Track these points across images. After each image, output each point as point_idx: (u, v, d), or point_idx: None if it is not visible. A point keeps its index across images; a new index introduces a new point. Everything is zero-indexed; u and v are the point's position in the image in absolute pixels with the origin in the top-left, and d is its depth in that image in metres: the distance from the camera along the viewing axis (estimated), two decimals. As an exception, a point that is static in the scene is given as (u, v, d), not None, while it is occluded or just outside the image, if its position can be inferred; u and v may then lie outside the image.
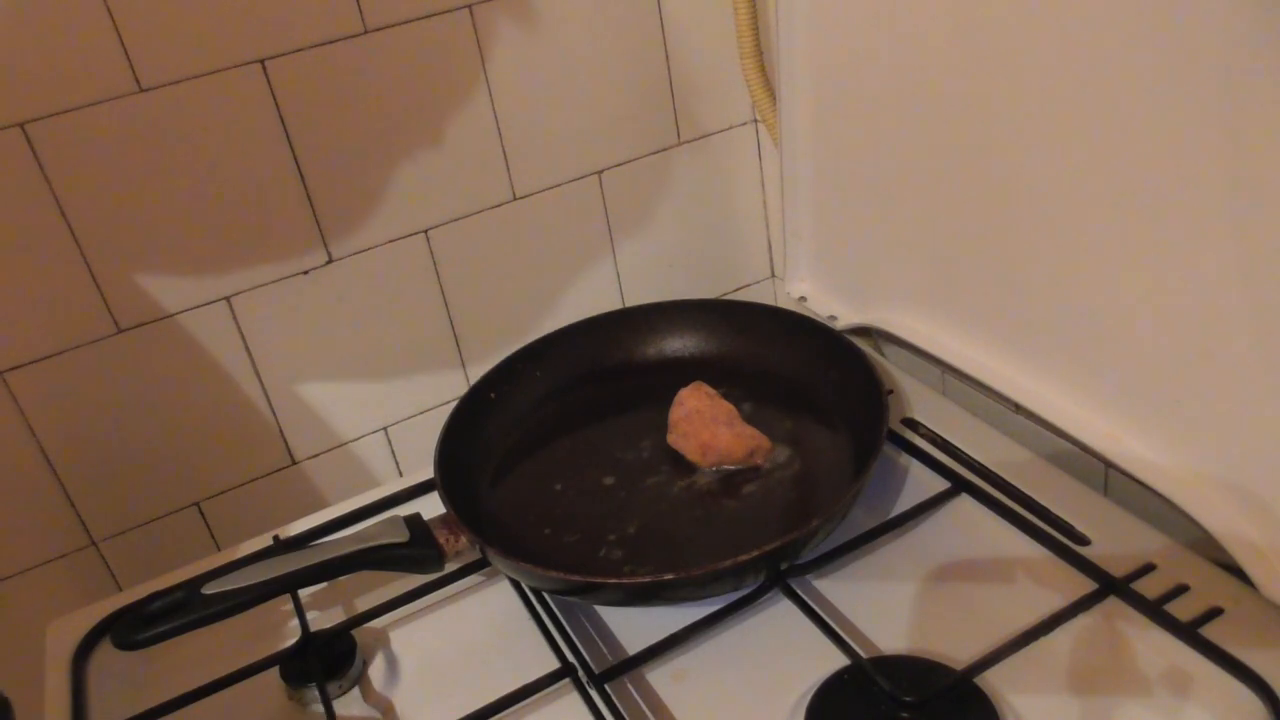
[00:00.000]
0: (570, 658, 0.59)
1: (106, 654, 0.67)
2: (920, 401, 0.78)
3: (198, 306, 0.75)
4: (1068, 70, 0.55)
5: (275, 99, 0.72)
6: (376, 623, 0.65)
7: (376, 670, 0.63)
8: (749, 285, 1.01)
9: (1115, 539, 0.61)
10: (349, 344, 0.82)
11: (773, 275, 1.01)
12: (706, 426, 0.70)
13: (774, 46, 0.78)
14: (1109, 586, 0.57)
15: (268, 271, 0.77)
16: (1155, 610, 0.55)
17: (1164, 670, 0.53)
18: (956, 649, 0.55)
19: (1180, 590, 0.56)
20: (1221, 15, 0.46)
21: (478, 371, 0.80)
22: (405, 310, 0.83)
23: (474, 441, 0.74)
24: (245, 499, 0.82)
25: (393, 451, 0.88)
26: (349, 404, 0.84)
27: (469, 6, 0.76)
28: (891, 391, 0.77)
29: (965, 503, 0.67)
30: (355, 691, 0.61)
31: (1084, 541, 0.62)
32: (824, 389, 0.75)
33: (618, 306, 0.92)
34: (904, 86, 0.68)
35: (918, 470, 0.70)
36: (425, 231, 0.82)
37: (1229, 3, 0.45)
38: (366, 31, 0.74)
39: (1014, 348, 0.68)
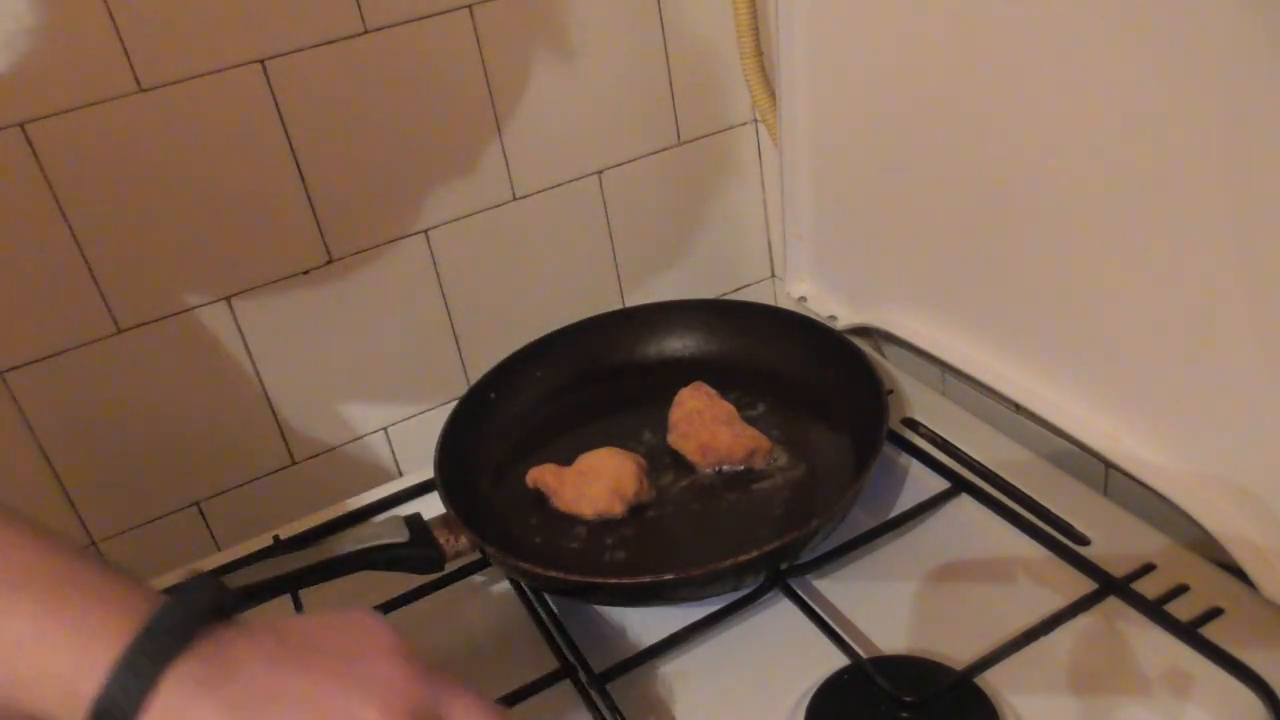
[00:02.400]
0: (570, 658, 0.59)
1: (106, 654, 0.67)
2: (920, 401, 0.78)
3: (198, 306, 0.75)
4: (1068, 70, 0.55)
5: (275, 99, 0.72)
6: (376, 623, 0.65)
7: (376, 670, 0.62)
8: (749, 285, 1.01)
9: (1115, 539, 0.61)
10: (349, 343, 0.82)
11: (773, 275, 1.01)
12: (706, 426, 0.70)
13: (774, 46, 0.78)
14: (1109, 586, 0.57)
15: (268, 271, 0.77)
16: (1155, 610, 0.55)
17: (1164, 670, 0.53)
18: (956, 649, 0.55)
19: (1180, 590, 0.56)
20: (1221, 16, 0.46)
21: (478, 371, 0.80)
22: (405, 310, 0.83)
23: (474, 441, 0.74)
24: (245, 499, 0.82)
25: (393, 451, 0.88)
26: (349, 404, 0.84)
27: (469, 6, 0.76)
28: (891, 391, 0.77)
29: (965, 503, 0.67)
30: (355, 691, 0.61)
31: (1084, 541, 0.62)
32: (824, 389, 0.75)
33: (618, 306, 0.92)
34: (904, 87, 0.68)
35: (918, 470, 0.70)
36: (425, 231, 0.82)
37: (1229, 3, 0.45)
38: (366, 31, 0.73)
39: (1014, 348, 0.68)
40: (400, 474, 0.89)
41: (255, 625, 0.40)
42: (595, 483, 0.67)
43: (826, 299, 0.87)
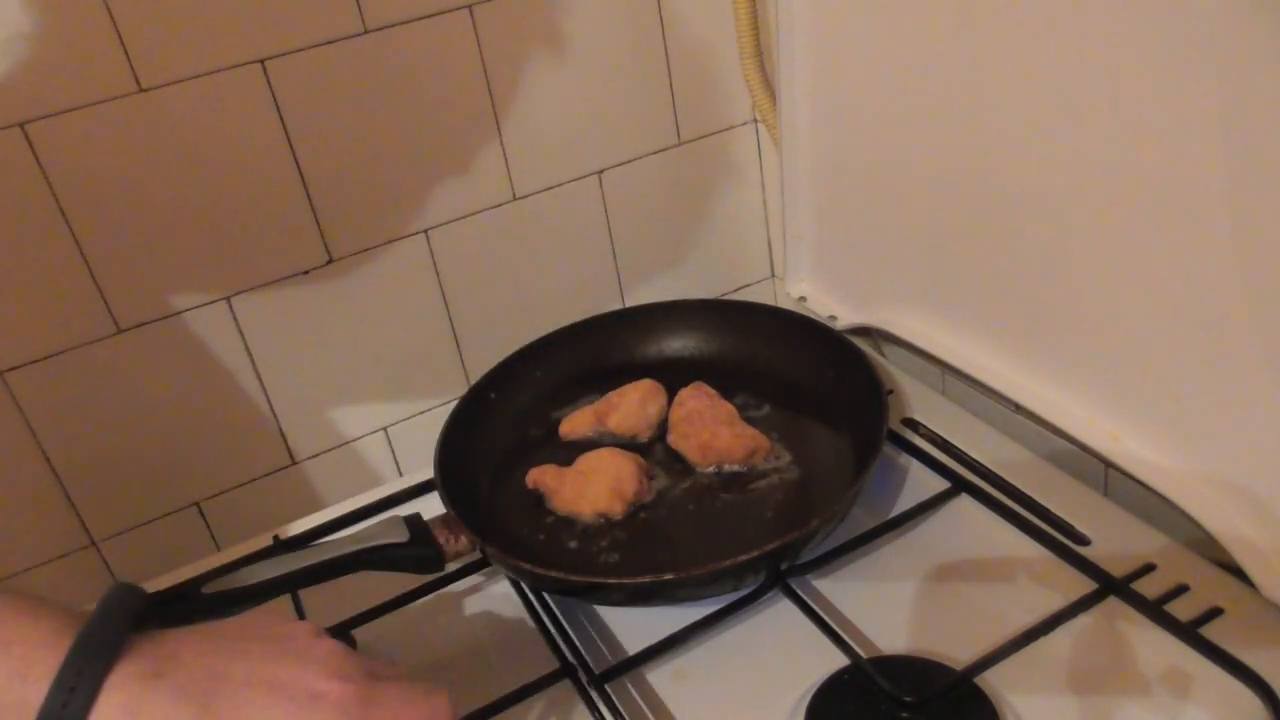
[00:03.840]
0: (570, 658, 0.59)
1: (106, 654, 0.67)
2: (920, 401, 0.78)
3: (198, 306, 0.75)
4: (1068, 69, 0.55)
5: (275, 99, 0.72)
6: (376, 623, 0.65)
7: (376, 670, 0.63)
8: (749, 285, 1.01)
9: (1115, 539, 0.61)
10: (349, 344, 0.82)
11: (773, 275, 1.01)
12: (706, 426, 0.70)
13: (774, 46, 0.78)
14: (1109, 586, 0.57)
15: (268, 271, 0.77)
16: (1155, 610, 0.55)
17: (1164, 670, 0.53)
18: (956, 649, 0.55)
19: (1180, 590, 0.56)
20: (1221, 15, 0.46)
21: (478, 371, 0.80)
22: (405, 310, 0.83)
23: (474, 441, 0.74)
24: (245, 499, 0.82)
25: (393, 451, 0.88)
26: (349, 404, 0.84)
27: (469, 6, 0.76)
28: (891, 391, 0.77)
29: (965, 503, 0.67)
30: (355, 691, 0.61)
31: (1084, 541, 0.62)
32: (824, 389, 0.75)
33: (618, 306, 0.92)
34: (904, 86, 0.68)
35: (918, 470, 0.70)
36: (425, 231, 0.82)
37: (1229, 3, 0.45)
38: (366, 31, 0.74)
39: (1014, 348, 0.68)
40: (400, 474, 0.89)
41: (180, 629, 0.41)
42: (595, 483, 0.67)
43: (826, 299, 0.87)
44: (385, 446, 0.87)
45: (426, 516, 0.65)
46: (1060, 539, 0.61)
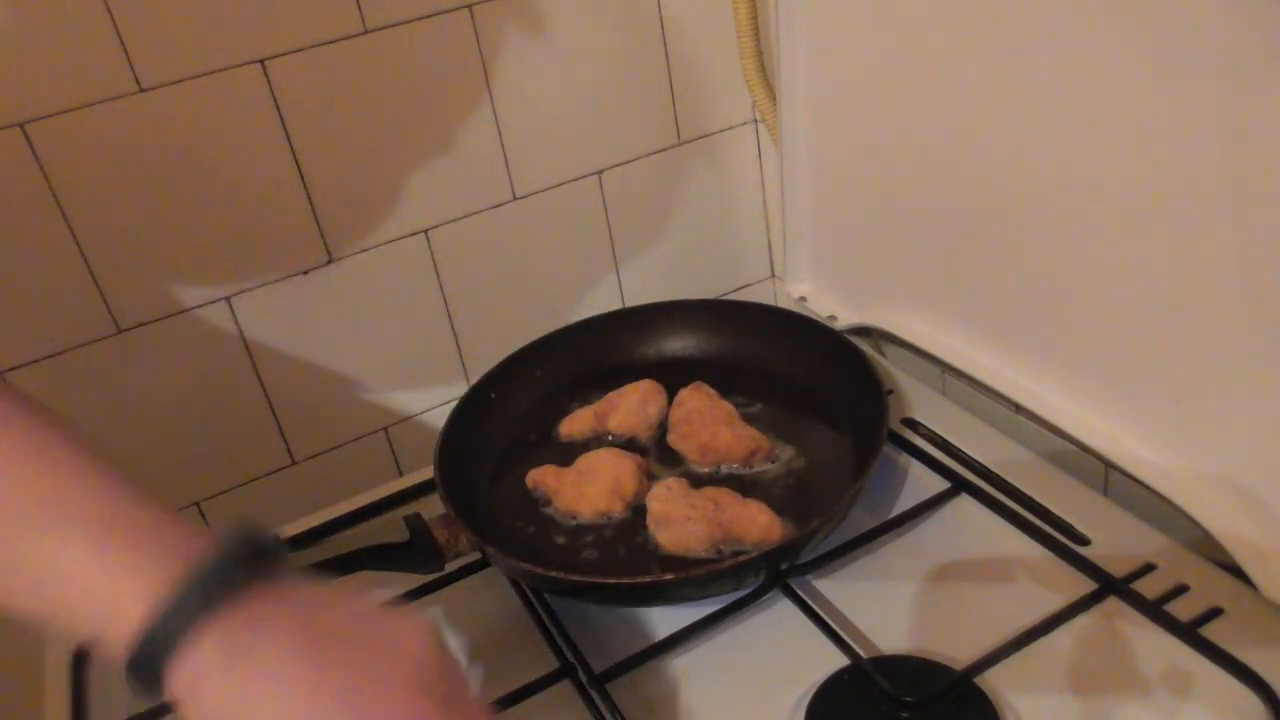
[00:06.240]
0: (570, 658, 0.59)
1: (106, 654, 0.67)
2: (920, 401, 0.78)
3: (198, 306, 0.75)
4: (1068, 69, 0.55)
5: (275, 99, 0.72)
6: (376, 623, 0.65)
7: (376, 670, 0.62)
8: (749, 285, 1.01)
9: (1115, 539, 0.61)
10: (349, 344, 0.82)
11: (773, 275, 1.01)
12: (706, 427, 0.70)
13: (774, 46, 0.78)
14: (1109, 586, 0.57)
15: (268, 271, 0.77)
16: (1155, 610, 0.55)
17: (1164, 670, 0.53)
18: (956, 649, 0.55)
19: (1180, 590, 0.56)
20: (1222, 16, 0.46)
21: (478, 371, 0.80)
22: (405, 310, 0.83)
23: (474, 441, 0.74)
24: (245, 499, 0.82)
25: (393, 451, 0.88)
26: (349, 404, 0.84)
27: (469, 6, 0.76)
28: (891, 391, 0.77)
29: (965, 503, 0.66)
30: (355, 691, 0.61)
31: (1084, 541, 0.62)
32: (824, 389, 0.75)
33: (618, 306, 0.92)
34: (904, 86, 0.68)
35: (918, 470, 0.70)
36: (425, 231, 0.82)
37: (1229, 3, 0.45)
38: (366, 31, 0.74)
39: (1014, 348, 0.68)
40: (400, 474, 0.89)
41: (292, 595, 0.39)
42: (595, 483, 0.67)
43: (826, 299, 0.87)
44: (385, 446, 0.87)
45: (426, 516, 0.65)
46: (1060, 539, 0.61)
